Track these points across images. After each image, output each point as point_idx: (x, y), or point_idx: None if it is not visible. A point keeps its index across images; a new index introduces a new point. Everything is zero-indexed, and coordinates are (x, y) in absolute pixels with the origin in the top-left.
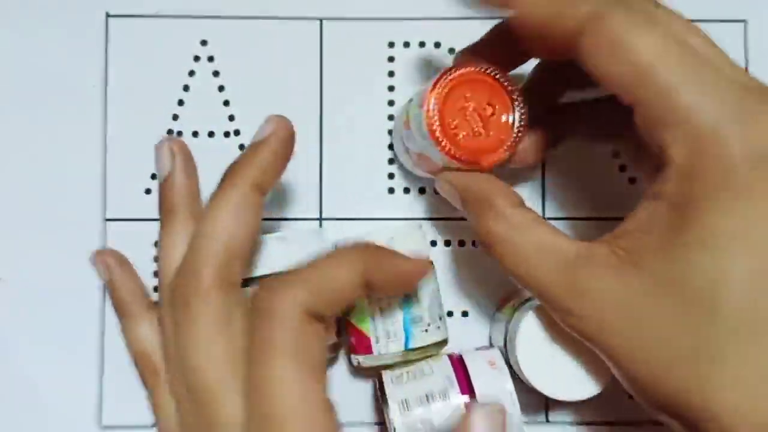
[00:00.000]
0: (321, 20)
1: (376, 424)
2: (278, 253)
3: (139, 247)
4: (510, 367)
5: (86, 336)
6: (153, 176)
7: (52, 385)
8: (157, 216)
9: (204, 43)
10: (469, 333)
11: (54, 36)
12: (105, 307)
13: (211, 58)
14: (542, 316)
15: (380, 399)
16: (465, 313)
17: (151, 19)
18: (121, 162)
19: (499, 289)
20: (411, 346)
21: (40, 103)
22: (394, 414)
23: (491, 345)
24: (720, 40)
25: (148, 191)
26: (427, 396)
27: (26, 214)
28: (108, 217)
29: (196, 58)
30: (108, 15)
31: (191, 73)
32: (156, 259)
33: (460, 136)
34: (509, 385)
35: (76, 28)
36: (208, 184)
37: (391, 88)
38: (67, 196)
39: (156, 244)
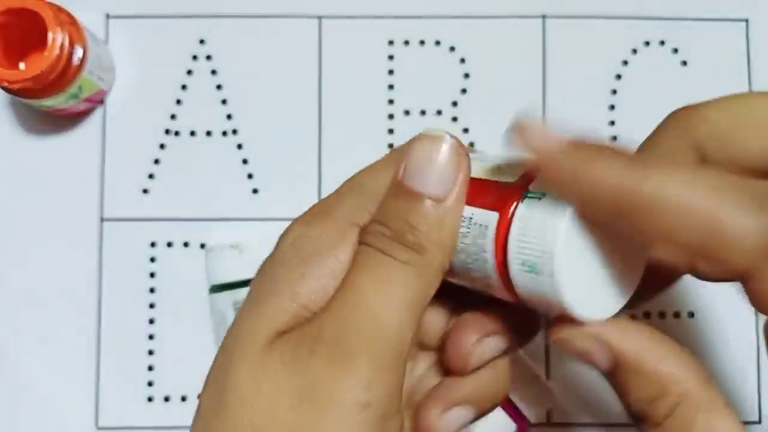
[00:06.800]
0: (320, 18)
1: None
2: (232, 262)
3: (135, 247)
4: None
5: (83, 336)
6: (150, 176)
7: (49, 386)
8: (153, 216)
9: (202, 42)
10: None
11: None
12: (102, 307)
13: (209, 57)
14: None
15: None
16: None
17: (149, 20)
18: (119, 162)
19: None
20: None
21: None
22: None
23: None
24: (722, 39)
25: (145, 191)
26: None
27: (23, 214)
28: (105, 216)
29: (194, 57)
30: (108, 16)
31: (189, 72)
32: (153, 260)
33: None
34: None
35: None
36: (206, 183)
37: (390, 87)
38: (64, 195)
39: (153, 244)
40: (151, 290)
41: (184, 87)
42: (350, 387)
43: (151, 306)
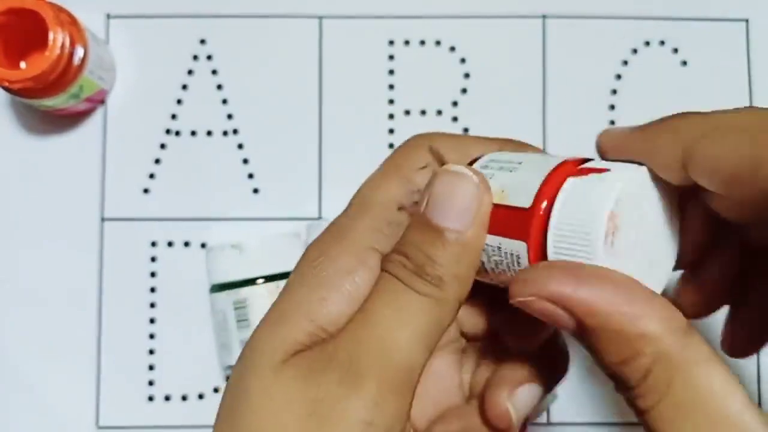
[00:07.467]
0: (320, 18)
1: None
2: (232, 262)
3: (136, 247)
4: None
5: (83, 336)
6: (151, 176)
7: (50, 385)
8: (154, 215)
9: (203, 42)
10: None
11: None
12: (102, 306)
13: (209, 57)
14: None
15: None
16: None
17: (150, 20)
18: (120, 161)
19: None
20: None
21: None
22: None
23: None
24: (722, 39)
25: (146, 191)
26: None
27: (23, 214)
28: (105, 216)
29: (195, 57)
30: (108, 16)
31: (190, 72)
32: (153, 259)
33: None
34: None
35: None
36: (206, 182)
37: (391, 87)
38: (65, 195)
39: (153, 243)
40: (152, 290)
41: (184, 87)
42: (357, 405)
43: (152, 306)
